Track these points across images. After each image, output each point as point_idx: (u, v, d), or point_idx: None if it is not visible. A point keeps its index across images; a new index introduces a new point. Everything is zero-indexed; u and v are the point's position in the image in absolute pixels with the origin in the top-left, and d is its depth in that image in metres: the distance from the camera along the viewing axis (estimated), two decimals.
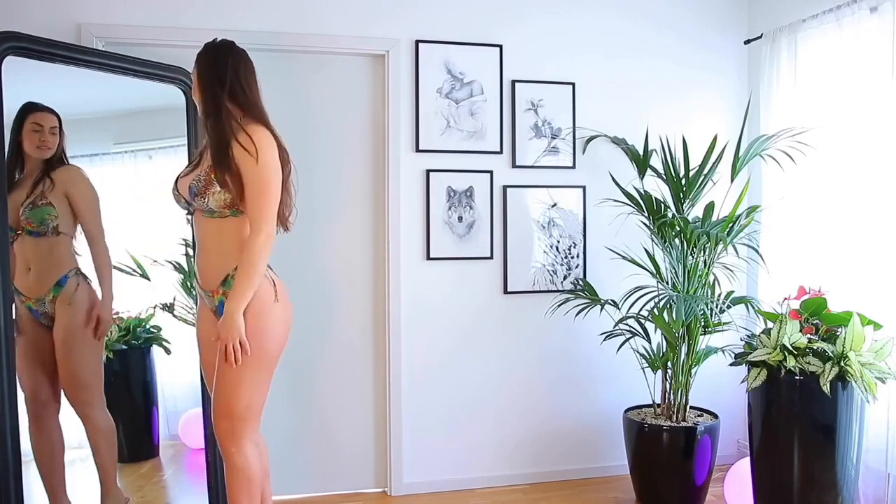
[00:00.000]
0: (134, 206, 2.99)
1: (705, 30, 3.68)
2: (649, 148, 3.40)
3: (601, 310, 3.36)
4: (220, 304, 2.23)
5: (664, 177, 3.31)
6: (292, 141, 3.27)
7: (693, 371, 3.19)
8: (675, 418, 3.18)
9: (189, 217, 2.37)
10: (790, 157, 3.14)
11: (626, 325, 3.29)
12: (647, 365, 3.28)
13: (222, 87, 2.23)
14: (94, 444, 2.70)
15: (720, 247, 3.13)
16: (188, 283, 3.04)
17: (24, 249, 2.57)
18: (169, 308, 3.03)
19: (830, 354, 2.62)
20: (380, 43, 3.28)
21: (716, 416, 3.24)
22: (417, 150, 3.33)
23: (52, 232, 2.59)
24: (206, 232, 2.25)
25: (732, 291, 3.27)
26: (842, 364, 2.58)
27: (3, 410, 2.32)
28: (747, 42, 3.68)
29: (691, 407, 3.27)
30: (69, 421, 2.82)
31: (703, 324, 3.14)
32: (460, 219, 3.39)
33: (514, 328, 3.49)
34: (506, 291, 3.47)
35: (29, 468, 2.57)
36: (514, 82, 3.43)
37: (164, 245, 3.02)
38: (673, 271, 3.20)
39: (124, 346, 2.92)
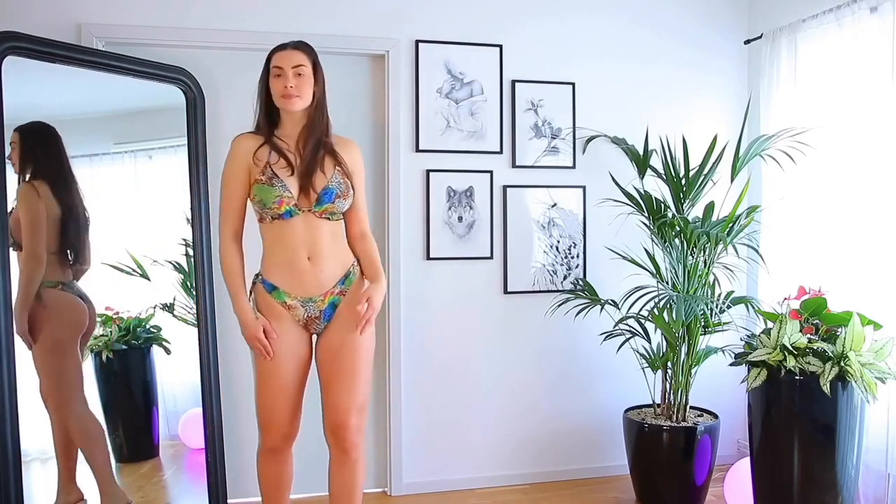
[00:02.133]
0: (134, 206, 2.99)
1: (705, 30, 3.68)
2: (649, 148, 3.40)
3: (601, 310, 3.36)
4: (331, 304, 2.31)
5: (664, 177, 3.31)
6: None
7: (693, 371, 3.19)
8: (675, 418, 3.18)
9: (274, 220, 2.27)
10: (790, 157, 3.14)
11: (626, 325, 3.28)
12: (647, 365, 3.28)
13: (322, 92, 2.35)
14: (82, 448, 2.70)
15: (720, 247, 3.13)
16: (188, 283, 3.04)
17: None
18: (169, 308, 3.03)
19: (830, 354, 2.62)
20: (380, 43, 3.28)
21: (716, 416, 3.24)
22: (417, 150, 3.33)
23: (15, 247, 2.58)
24: (323, 234, 2.29)
25: (732, 291, 3.27)
26: (842, 364, 2.58)
27: (4, 410, 2.32)
28: (747, 42, 3.68)
29: (691, 407, 3.27)
30: None
31: (703, 324, 3.14)
32: (460, 219, 3.39)
33: (514, 328, 3.49)
34: (506, 291, 3.47)
35: (29, 468, 2.57)
36: (514, 82, 3.43)
37: (164, 245, 3.02)
38: (673, 271, 3.20)
39: (124, 346, 2.92)
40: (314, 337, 2.38)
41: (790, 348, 2.68)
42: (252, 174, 2.27)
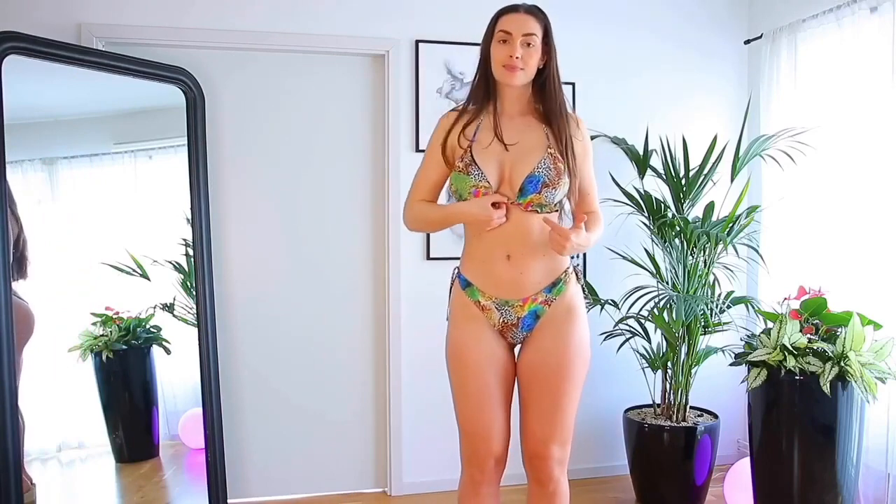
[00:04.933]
0: (134, 205, 3.00)
1: (705, 30, 3.68)
2: (649, 148, 3.40)
3: (601, 310, 3.36)
4: (532, 313, 1.98)
5: (664, 177, 3.31)
6: (292, 141, 3.30)
7: (693, 371, 3.19)
8: (675, 418, 3.18)
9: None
10: (790, 157, 3.14)
11: (626, 325, 3.28)
12: (647, 365, 3.28)
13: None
14: None
15: (720, 247, 3.13)
16: (188, 283, 3.04)
17: None
18: (169, 308, 3.03)
19: (830, 354, 2.62)
20: (380, 43, 3.28)
21: (716, 416, 3.24)
22: (417, 150, 3.33)
23: None
24: (529, 230, 1.95)
25: (732, 291, 3.27)
26: (842, 364, 2.58)
27: (4, 410, 2.32)
28: (747, 42, 3.68)
29: (691, 407, 3.27)
30: (68, 420, 2.83)
31: (703, 324, 3.14)
32: None
33: None
34: None
35: (30, 467, 2.58)
36: None
37: (164, 245, 3.02)
38: (673, 271, 3.20)
39: (124, 346, 2.92)
40: (517, 348, 2.08)
41: (790, 348, 2.68)
42: (454, 157, 2.00)
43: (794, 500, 2.70)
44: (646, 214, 3.29)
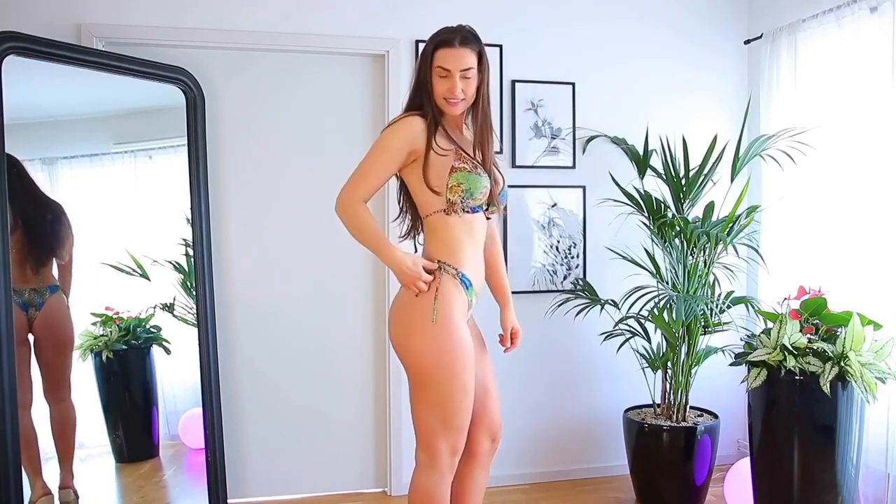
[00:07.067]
0: (134, 206, 3.00)
1: (705, 30, 3.68)
2: (649, 148, 3.40)
3: (601, 310, 3.36)
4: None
5: (664, 177, 3.31)
6: (292, 141, 3.30)
7: (693, 371, 3.19)
8: (675, 418, 3.18)
9: (464, 213, 2.06)
10: (790, 157, 3.14)
11: (626, 325, 3.28)
12: (647, 365, 3.28)
13: None
14: (66, 436, 2.75)
15: (720, 247, 3.13)
16: (188, 283, 3.04)
17: None
18: (169, 308, 3.03)
19: (830, 354, 2.62)
20: (380, 43, 3.28)
21: (716, 416, 3.24)
22: None
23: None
24: (484, 235, 2.16)
25: (732, 291, 3.27)
26: (842, 364, 2.58)
27: (4, 410, 2.32)
28: (747, 42, 3.68)
29: (691, 407, 3.27)
30: None
31: (703, 324, 3.14)
32: None
33: None
34: None
35: None
36: (514, 82, 3.43)
37: (164, 245, 3.03)
38: (673, 271, 3.20)
39: (124, 346, 2.92)
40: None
41: (790, 348, 2.68)
42: (431, 159, 2.00)
43: (794, 500, 2.70)
44: (646, 214, 3.29)
